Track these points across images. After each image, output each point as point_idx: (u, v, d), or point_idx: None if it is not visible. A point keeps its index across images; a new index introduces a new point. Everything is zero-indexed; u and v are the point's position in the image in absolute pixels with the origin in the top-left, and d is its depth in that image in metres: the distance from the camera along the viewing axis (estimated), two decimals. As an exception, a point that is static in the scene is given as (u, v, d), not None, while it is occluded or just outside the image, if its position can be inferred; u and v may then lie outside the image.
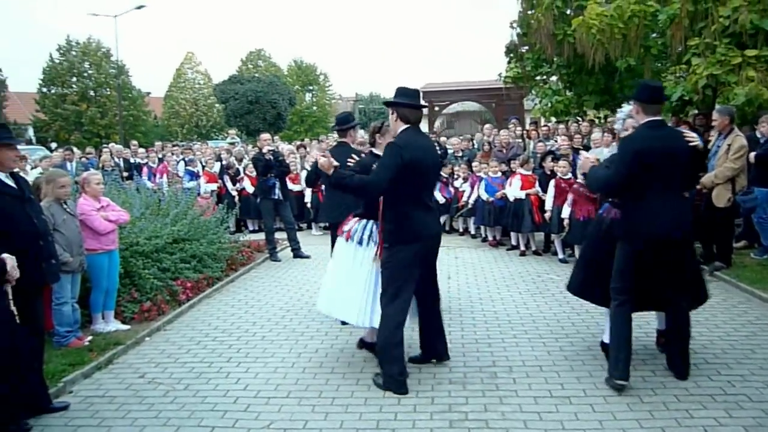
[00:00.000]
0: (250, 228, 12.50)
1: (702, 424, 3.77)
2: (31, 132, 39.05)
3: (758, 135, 7.89)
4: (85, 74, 37.89)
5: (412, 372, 4.76)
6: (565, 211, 8.21)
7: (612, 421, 3.87)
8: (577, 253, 8.34)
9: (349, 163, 5.00)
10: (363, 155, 5.49)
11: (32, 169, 11.19)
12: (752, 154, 7.47)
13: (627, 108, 4.91)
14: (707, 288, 4.83)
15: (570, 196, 8.20)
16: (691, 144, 4.40)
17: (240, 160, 13.13)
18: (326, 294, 5.03)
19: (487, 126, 13.97)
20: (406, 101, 4.52)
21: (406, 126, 4.49)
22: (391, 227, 4.47)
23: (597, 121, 13.52)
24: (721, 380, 4.42)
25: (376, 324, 4.61)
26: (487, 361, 4.96)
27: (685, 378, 4.43)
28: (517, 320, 6.02)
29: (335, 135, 8.44)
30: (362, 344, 5.25)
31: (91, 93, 37.62)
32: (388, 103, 4.68)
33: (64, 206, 5.45)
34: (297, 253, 9.68)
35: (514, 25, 14.05)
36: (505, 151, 11.01)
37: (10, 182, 4.13)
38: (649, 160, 4.24)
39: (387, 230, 4.49)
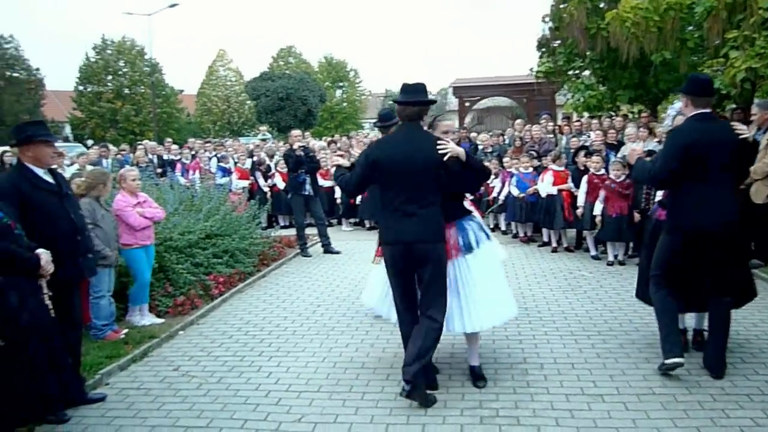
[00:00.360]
0: (281, 224, 12.61)
1: (738, 425, 3.70)
2: (68, 129, 39.94)
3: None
4: (120, 72, 38.58)
5: (443, 368, 4.76)
6: (597, 208, 8.10)
7: (645, 419, 3.81)
8: (609, 250, 8.24)
9: None
10: None
11: (69, 165, 11.46)
12: None
13: (677, 104, 4.85)
14: (755, 286, 4.72)
15: (602, 193, 8.09)
16: (741, 136, 4.33)
17: (271, 157, 13.23)
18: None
19: (518, 121, 13.84)
20: (400, 98, 4.29)
21: (401, 123, 4.32)
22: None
23: (631, 116, 13.30)
24: (759, 380, 4.32)
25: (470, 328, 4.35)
26: (518, 358, 4.93)
27: (721, 377, 4.35)
28: (549, 317, 5.96)
29: (365, 131, 8.45)
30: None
31: (126, 91, 38.29)
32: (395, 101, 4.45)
33: (101, 202, 5.61)
34: (327, 249, 9.74)
35: (546, 19, 13.92)
36: (537, 146, 10.90)
37: (49, 178, 4.24)
38: (696, 152, 4.22)
39: None
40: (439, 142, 4.09)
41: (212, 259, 7.35)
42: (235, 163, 12.78)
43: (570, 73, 14.77)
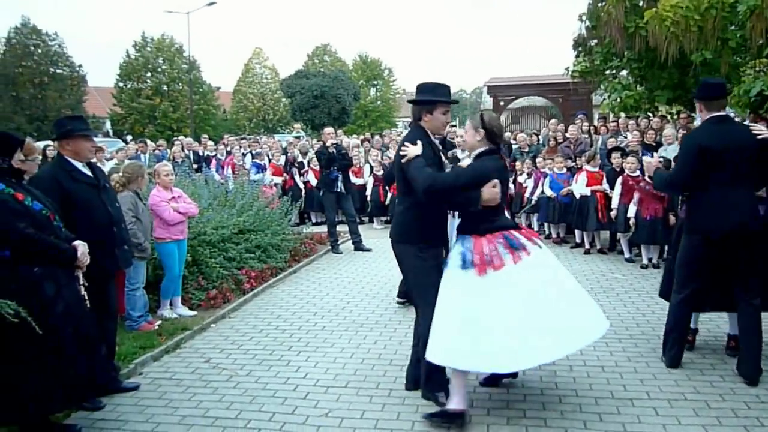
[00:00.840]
0: (314, 220, 12.72)
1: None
2: (108, 125, 40.91)
3: None
4: (159, 69, 39.38)
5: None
6: (632, 210, 7.96)
7: (676, 426, 3.75)
8: (644, 253, 8.09)
9: None
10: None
11: (108, 160, 11.74)
12: None
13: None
14: None
15: (636, 195, 7.95)
16: (759, 137, 4.24)
17: (305, 154, 13.35)
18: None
19: (552, 121, 13.68)
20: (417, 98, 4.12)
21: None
22: None
23: (669, 117, 13.04)
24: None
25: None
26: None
27: (756, 384, 4.24)
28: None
29: (399, 129, 8.45)
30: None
31: (164, 88, 39.05)
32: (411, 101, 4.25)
33: (141, 196, 5.75)
34: (358, 246, 9.78)
35: (583, 17, 13.71)
36: (572, 146, 10.77)
37: (87, 171, 4.36)
38: (712, 154, 4.19)
39: None
40: (405, 143, 3.99)
41: (244, 254, 7.46)
42: (270, 159, 12.93)
43: (607, 72, 14.52)
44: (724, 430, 3.68)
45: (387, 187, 11.29)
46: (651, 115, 13.06)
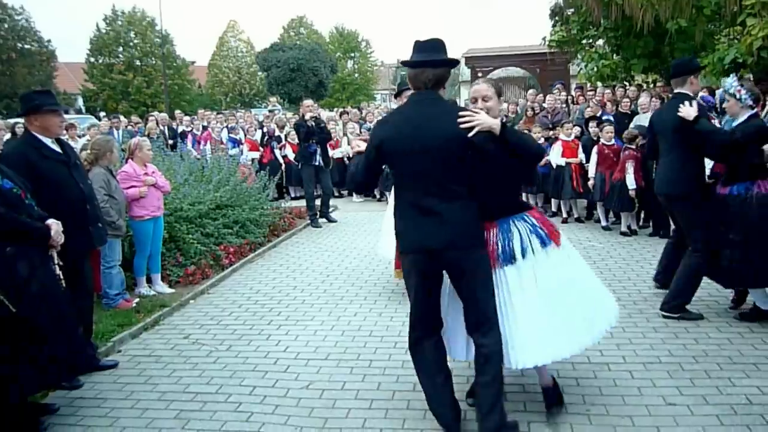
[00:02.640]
0: (292, 194, 12.65)
1: (744, 392, 3.69)
2: (80, 101, 40.09)
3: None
4: (131, 44, 38.53)
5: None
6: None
7: (651, 387, 3.82)
8: (622, 220, 8.18)
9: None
10: None
11: (81, 137, 11.51)
12: None
13: (728, 82, 4.97)
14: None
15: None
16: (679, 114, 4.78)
17: (282, 127, 13.22)
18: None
19: (530, 91, 13.67)
20: (413, 59, 3.22)
21: (411, 92, 3.34)
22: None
23: (645, 85, 13.10)
24: (766, 349, 4.30)
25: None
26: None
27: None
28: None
29: (377, 102, 8.39)
30: None
31: (137, 62, 38.26)
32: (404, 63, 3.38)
33: (114, 173, 5.63)
34: (325, 215, 9.77)
35: (560, -14, 13.64)
36: (550, 116, 10.78)
37: (56, 147, 4.25)
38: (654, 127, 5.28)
39: None
40: (462, 113, 3.08)
41: (222, 230, 7.40)
42: (245, 134, 12.78)
43: (583, 42, 14.53)
44: (697, 390, 3.76)
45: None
46: (627, 84, 13.12)
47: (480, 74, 25.01)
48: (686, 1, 10.34)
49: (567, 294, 3.33)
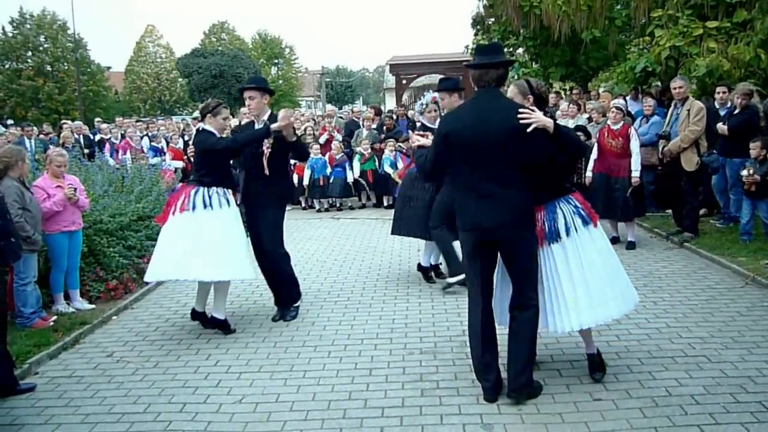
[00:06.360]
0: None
1: (664, 385, 3.90)
2: (-15, 109, 37.70)
3: (716, 105, 8.05)
4: (41, 48, 36.57)
5: (383, 343, 4.82)
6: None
7: (578, 385, 3.97)
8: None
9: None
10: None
11: (-12, 146, 10.82)
12: (722, 126, 7.56)
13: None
14: None
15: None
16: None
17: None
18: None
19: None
20: (477, 60, 3.77)
21: (476, 90, 3.83)
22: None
23: (562, 93, 13.65)
24: (683, 342, 4.56)
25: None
26: (457, 330, 5.01)
27: None
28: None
29: (302, 109, 8.32)
30: None
31: (48, 68, 36.35)
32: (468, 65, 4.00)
33: (26, 184, 5.33)
34: None
35: (481, -4, 14.02)
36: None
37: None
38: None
39: None
40: (521, 110, 3.57)
41: (146, 242, 7.12)
42: (168, 142, 12.39)
43: (504, 50, 14.98)
44: (620, 385, 3.93)
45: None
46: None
47: (404, 81, 25.42)
48: (600, 12, 10.85)
49: (605, 266, 3.82)
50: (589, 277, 3.74)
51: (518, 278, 3.75)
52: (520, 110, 3.55)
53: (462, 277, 5.54)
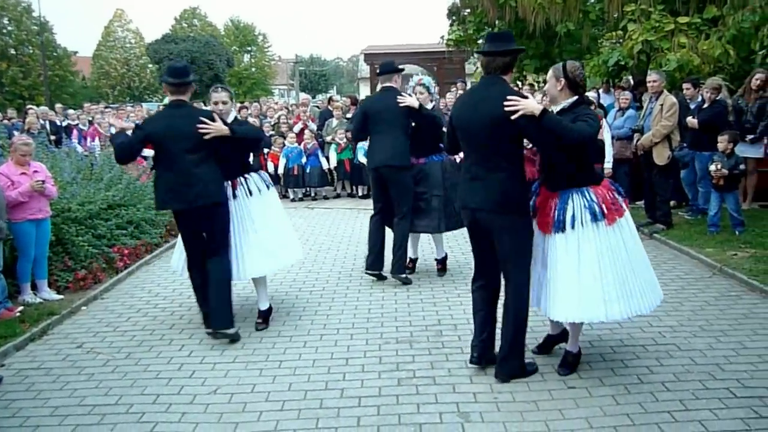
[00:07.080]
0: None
1: (635, 373, 3.97)
2: (-54, 93, 36.52)
3: (687, 99, 8.18)
4: (4, 31, 35.48)
5: (359, 333, 4.81)
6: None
7: (553, 373, 4.01)
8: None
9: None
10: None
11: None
12: (692, 120, 7.70)
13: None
14: None
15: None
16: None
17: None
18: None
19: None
20: (486, 48, 3.83)
21: (482, 76, 3.94)
22: None
23: (536, 85, 13.72)
24: (653, 331, 4.64)
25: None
26: (433, 320, 5.03)
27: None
28: (461, 279, 6.10)
29: (275, 97, 8.24)
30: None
31: (12, 51, 35.30)
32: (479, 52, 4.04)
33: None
34: None
35: (456, -14, 13.99)
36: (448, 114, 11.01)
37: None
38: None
39: None
40: (509, 97, 3.56)
41: (116, 231, 6.99)
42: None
43: (479, 42, 14.97)
44: (594, 373, 3.98)
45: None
46: (520, 83, 13.68)
47: (379, 70, 25.29)
48: (574, 6, 10.93)
49: (607, 266, 3.70)
50: (583, 273, 3.70)
51: (502, 264, 3.86)
52: (508, 97, 3.56)
53: None
